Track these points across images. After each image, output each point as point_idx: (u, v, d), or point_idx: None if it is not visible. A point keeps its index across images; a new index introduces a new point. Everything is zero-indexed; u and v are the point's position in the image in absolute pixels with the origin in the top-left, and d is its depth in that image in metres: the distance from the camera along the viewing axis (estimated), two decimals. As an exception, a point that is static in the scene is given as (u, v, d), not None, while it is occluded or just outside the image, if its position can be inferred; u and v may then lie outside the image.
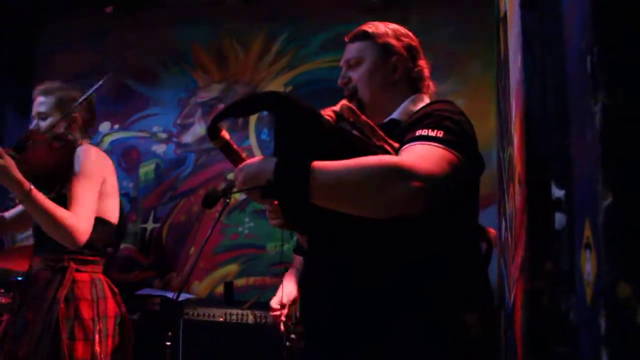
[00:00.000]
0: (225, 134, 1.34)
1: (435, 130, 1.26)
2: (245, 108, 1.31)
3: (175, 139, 4.38)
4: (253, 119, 4.30)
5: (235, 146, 1.36)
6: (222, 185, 3.93)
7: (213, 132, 1.32)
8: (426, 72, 1.58)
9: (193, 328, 3.50)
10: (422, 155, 1.22)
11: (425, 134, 1.26)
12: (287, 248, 4.11)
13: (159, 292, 3.75)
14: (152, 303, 3.70)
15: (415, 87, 1.55)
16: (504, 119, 2.63)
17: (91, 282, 2.04)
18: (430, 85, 1.59)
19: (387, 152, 1.29)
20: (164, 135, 4.39)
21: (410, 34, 1.60)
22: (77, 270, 2.02)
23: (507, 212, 2.56)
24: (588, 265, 0.76)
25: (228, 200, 2.81)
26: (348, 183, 1.17)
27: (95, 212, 2.02)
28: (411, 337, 1.23)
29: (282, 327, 2.52)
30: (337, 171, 1.18)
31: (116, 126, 4.49)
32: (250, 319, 3.46)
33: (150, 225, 4.27)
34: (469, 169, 1.31)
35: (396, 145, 1.30)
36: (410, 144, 1.26)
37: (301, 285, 1.48)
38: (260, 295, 3.72)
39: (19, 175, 1.83)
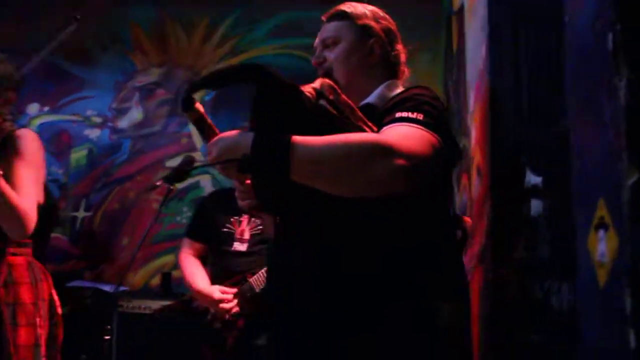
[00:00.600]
0: (199, 106, 1.26)
1: (415, 113, 1.25)
2: (223, 79, 1.24)
3: (110, 124, 4.16)
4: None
5: (209, 120, 1.29)
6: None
7: (187, 103, 1.24)
8: (402, 57, 1.55)
9: (128, 321, 3.33)
10: (404, 134, 1.20)
11: (406, 115, 1.25)
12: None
13: (91, 284, 3.55)
14: (84, 296, 3.50)
15: (390, 71, 1.53)
16: (456, 112, 2.65)
17: (28, 265, 1.95)
18: (406, 71, 1.57)
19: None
20: (98, 120, 4.16)
21: (388, 17, 1.58)
22: (13, 254, 1.92)
23: (455, 203, 2.58)
24: (602, 245, 0.74)
25: (172, 187, 2.67)
26: (329, 159, 1.14)
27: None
28: (402, 325, 1.21)
29: (229, 318, 2.43)
30: (318, 146, 1.14)
31: (46, 108, 4.21)
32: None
33: (81, 214, 4.04)
34: (447, 154, 1.30)
35: (375, 128, 1.27)
36: (391, 125, 1.24)
37: (274, 271, 1.41)
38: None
39: None
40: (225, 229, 2.58)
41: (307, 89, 1.27)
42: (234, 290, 2.45)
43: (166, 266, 3.90)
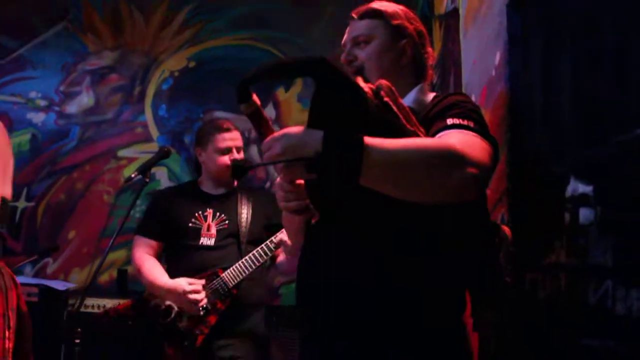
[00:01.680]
0: (256, 99, 1.17)
1: (466, 120, 1.24)
2: (285, 71, 1.16)
3: (56, 108, 3.88)
4: (150, 93, 3.95)
5: (265, 114, 1.20)
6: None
7: (244, 94, 1.15)
8: (431, 60, 1.54)
9: (80, 322, 3.11)
10: (467, 142, 1.18)
11: (458, 122, 1.24)
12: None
13: (36, 281, 3.29)
14: (28, 293, 3.23)
15: (419, 73, 1.50)
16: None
17: None
18: (432, 73, 1.56)
19: None
20: (43, 103, 3.87)
21: (417, 18, 1.56)
22: None
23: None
24: None
25: (147, 180, 2.50)
26: (404, 163, 1.10)
27: None
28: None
29: (200, 312, 2.31)
30: (392, 150, 1.09)
31: (-19, 87, 3.87)
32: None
33: (22, 204, 3.74)
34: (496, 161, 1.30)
35: (425, 134, 1.25)
36: (445, 131, 1.22)
37: (314, 274, 1.34)
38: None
39: None
40: (191, 224, 2.46)
41: (365, 88, 1.22)
42: (202, 281, 2.35)
43: (117, 262, 3.69)
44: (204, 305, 2.32)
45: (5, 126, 3.77)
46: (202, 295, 2.31)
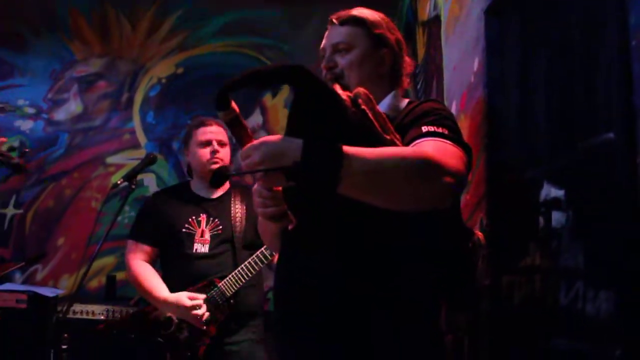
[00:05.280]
0: (235, 106, 1.19)
1: (440, 128, 1.26)
2: (263, 78, 1.17)
3: (45, 115, 3.88)
4: (138, 100, 3.97)
5: (244, 121, 1.22)
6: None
7: (223, 101, 1.17)
8: (408, 69, 1.55)
9: (69, 329, 3.11)
10: (442, 151, 1.20)
11: (433, 130, 1.25)
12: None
13: (25, 288, 3.29)
14: (17, 300, 3.23)
15: (394, 81, 1.52)
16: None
17: None
18: (407, 82, 1.57)
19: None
20: (31, 110, 3.87)
21: (396, 27, 1.58)
22: None
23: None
24: None
25: (134, 187, 2.51)
26: (382, 173, 1.11)
27: None
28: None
29: (204, 327, 2.33)
30: (370, 159, 1.11)
31: (-32, 94, 3.87)
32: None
33: (10, 211, 3.74)
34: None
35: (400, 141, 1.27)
36: (421, 139, 1.24)
37: (291, 277, 1.36)
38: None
39: None
40: (184, 230, 2.43)
41: (342, 95, 1.24)
42: (203, 296, 2.35)
43: (106, 268, 3.69)
44: (206, 319, 2.32)
45: (-7, 134, 3.74)
46: (203, 310, 2.31)
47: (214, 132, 2.48)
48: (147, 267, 2.45)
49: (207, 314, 2.31)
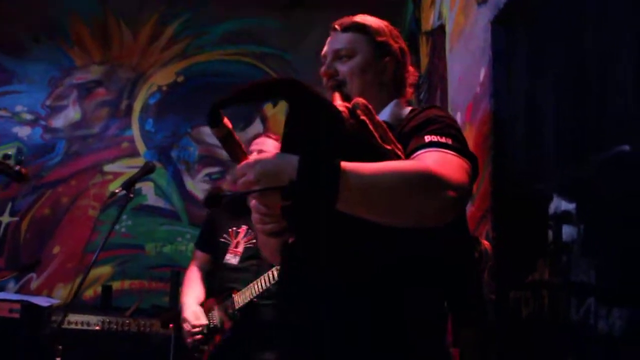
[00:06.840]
0: (227, 122, 1.15)
1: (444, 137, 1.21)
2: (255, 94, 1.13)
3: (43, 122, 3.85)
4: (137, 108, 3.94)
5: (237, 137, 1.18)
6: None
7: (215, 118, 1.12)
8: (411, 79, 1.52)
9: (63, 339, 3.06)
10: (445, 163, 1.15)
11: (437, 140, 1.20)
12: (169, 250, 3.82)
13: (19, 297, 3.23)
14: (10, 309, 3.18)
15: (397, 90, 1.48)
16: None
17: None
18: (410, 91, 1.54)
19: (399, 158, 1.21)
20: (29, 117, 3.84)
21: (400, 35, 1.54)
22: None
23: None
24: None
25: (132, 196, 2.48)
26: (382, 188, 1.06)
27: None
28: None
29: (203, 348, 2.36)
30: (369, 174, 1.06)
31: (-34, 100, 3.83)
32: (133, 327, 3.12)
33: (5, 219, 3.69)
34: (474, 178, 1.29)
35: (402, 152, 1.24)
36: (424, 150, 1.20)
37: (292, 292, 1.32)
38: (141, 301, 3.39)
39: None
40: (222, 239, 2.49)
41: (340, 107, 1.20)
42: (205, 322, 2.40)
43: (102, 277, 3.64)
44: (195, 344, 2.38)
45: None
46: (196, 337, 2.37)
47: (258, 143, 2.49)
48: (194, 272, 2.58)
49: (196, 338, 2.37)
